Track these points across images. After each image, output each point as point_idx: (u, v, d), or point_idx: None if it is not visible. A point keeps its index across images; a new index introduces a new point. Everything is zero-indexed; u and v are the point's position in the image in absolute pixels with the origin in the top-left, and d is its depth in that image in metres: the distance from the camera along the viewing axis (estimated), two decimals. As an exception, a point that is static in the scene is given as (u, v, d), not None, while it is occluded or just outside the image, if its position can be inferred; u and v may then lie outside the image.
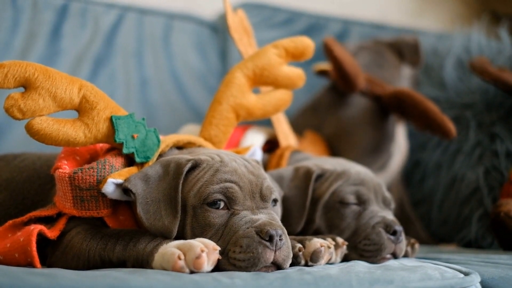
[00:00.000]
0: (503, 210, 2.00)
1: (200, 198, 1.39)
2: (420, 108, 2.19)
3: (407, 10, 3.52)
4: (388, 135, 2.37)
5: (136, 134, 1.48)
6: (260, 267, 1.33)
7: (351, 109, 2.39)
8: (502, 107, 2.42)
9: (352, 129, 2.36)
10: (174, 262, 1.28)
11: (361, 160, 2.08)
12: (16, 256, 1.38)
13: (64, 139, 1.41)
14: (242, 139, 2.00)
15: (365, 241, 1.66)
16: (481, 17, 2.85)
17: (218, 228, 1.38)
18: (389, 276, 1.38)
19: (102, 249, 1.39)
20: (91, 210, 1.43)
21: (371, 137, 2.35)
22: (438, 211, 2.50)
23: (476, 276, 1.50)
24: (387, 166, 2.39)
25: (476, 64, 2.38)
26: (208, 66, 2.71)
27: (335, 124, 2.38)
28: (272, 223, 1.36)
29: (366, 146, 2.34)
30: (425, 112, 2.18)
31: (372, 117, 2.37)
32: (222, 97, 1.67)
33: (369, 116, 2.37)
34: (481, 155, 2.40)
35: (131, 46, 2.56)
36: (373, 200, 1.73)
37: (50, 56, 2.38)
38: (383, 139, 2.36)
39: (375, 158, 2.33)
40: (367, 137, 2.35)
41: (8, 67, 1.36)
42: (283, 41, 1.73)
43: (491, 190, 2.33)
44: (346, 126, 2.37)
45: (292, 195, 1.70)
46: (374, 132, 2.35)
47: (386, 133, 2.37)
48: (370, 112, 2.37)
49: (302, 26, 2.89)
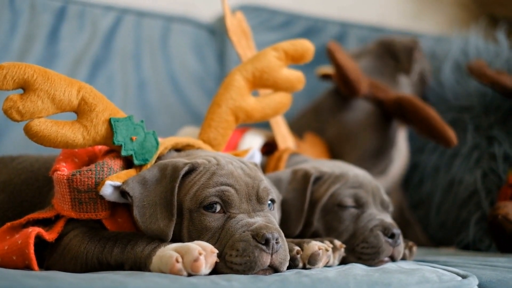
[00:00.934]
0: (500, 213, 2.00)
1: (197, 202, 1.39)
2: (421, 115, 2.19)
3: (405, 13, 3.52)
4: (389, 140, 2.37)
5: (135, 137, 1.48)
6: (257, 271, 1.33)
7: (353, 113, 2.39)
8: (500, 110, 2.42)
9: (354, 133, 2.36)
10: (172, 265, 1.27)
11: (362, 164, 2.08)
12: (14, 258, 1.38)
13: (62, 141, 1.41)
14: (240, 142, 2.00)
15: (363, 244, 1.65)
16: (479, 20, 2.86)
17: (214, 231, 1.38)
18: (387, 279, 1.38)
19: (100, 252, 1.38)
20: (89, 212, 1.43)
21: (372, 142, 2.35)
22: (436, 214, 2.50)
23: (474, 279, 1.50)
24: (388, 171, 2.39)
25: (474, 67, 2.38)
26: (206, 69, 2.71)
27: (337, 127, 2.38)
28: (268, 226, 1.36)
29: (367, 151, 2.34)
30: (426, 119, 2.18)
31: (374, 121, 2.37)
32: (221, 99, 1.66)
33: (371, 120, 2.37)
34: (479, 158, 2.40)
35: (129, 48, 2.56)
36: (371, 203, 1.73)
37: (48, 58, 2.38)
38: (384, 144, 2.36)
39: (376, 162, 2.33)
40: (368, 141, 2.35)
41: (7, 68, 1.35)
42: (283, 43, 1.73)
43: (489, 193, 2.33)
44: (348, 130, 2.37)
45: (290, 197, 1.69)
46: (376, 136, 2.35)
47: (388, 138, 2.37)
48: (373, 117, 2.37)
49: (300, 28, 2.89)
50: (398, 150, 2.41)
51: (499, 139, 2.37)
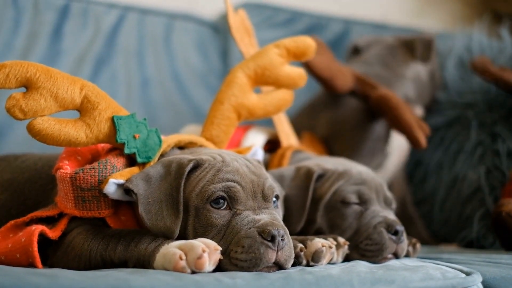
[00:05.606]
0: (504, 209, 2.00)
1: (203, 198, 1.38)
2: (392, 114, 2.18)
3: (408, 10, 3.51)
4: (379, 136, 2.35)
5: (138, 134, 1.48)
6: (262, 267, 1.33)
7: (341, 110, 2.38)
8: (504, 106, 2.42)
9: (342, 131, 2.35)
10: (175, 262, 1.27)
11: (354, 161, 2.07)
12: (17, 256, 1.38)
13: (65, 139, 1.41)
14: (243, 139, 2.00)
15: (366, 241, 1.65)
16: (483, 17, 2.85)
17: (220, 228, 1.38)
18: (390, 276, 1.37)
19: (103, 250, 1.39)
20: (92, 211, 1.43)
21: (361, 138, 2.33)
22: (440, 211, 2.49)
23: (478, 276, 1.50)
24: (383, 166, 2.38)
25: (477, 64, 2.37)
26: (209, 66, 2.71)
27: (326, 125, 2.37)
28: (274, 223, 1.36)
29: (358, 147, 2.32)
30: (396, 119, 2.17)
31: (361, 118, 2.35)
32: (223, 97, 1.66)
33: (358, 117, 2.35)
34: (483, 154, 2.40)
35: (132, 46, 2.56)
36: (375, 200, 1.73)
37: (51, 56, 2.38)
38: (374, 140, 2.35)
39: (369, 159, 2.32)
40: (356, 138, 2.33)
41: (10, 67, 1.35)
42: (284, 40, 1.72)
43: (492, 190, 2.32)
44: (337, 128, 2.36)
45: (293, 194, 1.69)
46: (364, 133, 2.33)
47: (377, 134, 2.35)
48: (360, 113, 2.35)
49: (303, 26, 2.89)
50: (393, 145, 2.40)
51: (502, 135, 2.36)
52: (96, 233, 1.42)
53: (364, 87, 2.31)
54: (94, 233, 1.42)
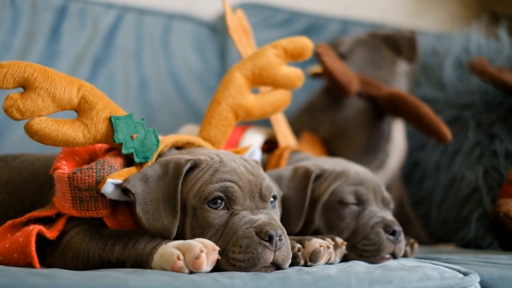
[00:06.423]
0: (502, 210, 2.00)
1: (201, 198, 1.39)
2: (415, 113, 2.19)
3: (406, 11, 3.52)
4: (383, 135, 2.37)
5: (135, 135, 1.48)
6: (259, 267, 1.33)
7: (345, 110, 2.39)
8: (501, 107, 2.42)
9: (347, 131, 2.35)
10: (173, 262, 1.27)
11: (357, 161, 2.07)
12: (15, 256, 1.38)
13: (63, 140, 1.41)
14: (241, 140, 2.00)
15: (364, 241, 1.66)
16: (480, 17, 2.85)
17: (217, 228, 1.38)
18: (388, 276, 1.38)
19: (101, 249, 1.39)
20: (90, 211, 1.43)
21: (365, 138, 2.34)
22: (437, 211, 2.50)
23: (476, 276, 1.50)
24: (385, 166, 2.39)
25: (475, 64, 2.38)
26: (207, 66, 2.71)
27: (330, 125, 2.37)
28: (271, 223, 1.36)
29: (361, 147, 2.33)
30: (421, 117, 2.18)
31: (367, 118, 2.36)
32: (221, 97, 1.66)
33: (363, 117, 2.36)
34: (480, 155, 2.40)
35: (130, 46, 2.56)
36: (372, 200, 1.73)
37: (49, 57, 2.38)
38: (378, 139, 2.36)
39: (371, 158, 2.33)
40: (361, 138, 2.34)
41: (7, 67, 1.35)
42: (282, 41, 1.72)
43: (490, 190, 2.33)
44: (341, 128, 2.36)
45: (291, 195, 1.69)
46: (369, 132, 2.34)
47: (381, 133, 2.37)
48: (365, 113, 2.36)
49: (301, 26, 2.89)
50: (394, 144, 2.40)
51: (500, 136, 2.36)
52: (94, 233, 1.42)
53: (369, 88, 2.32)
54: (92, 233, 1.42)
